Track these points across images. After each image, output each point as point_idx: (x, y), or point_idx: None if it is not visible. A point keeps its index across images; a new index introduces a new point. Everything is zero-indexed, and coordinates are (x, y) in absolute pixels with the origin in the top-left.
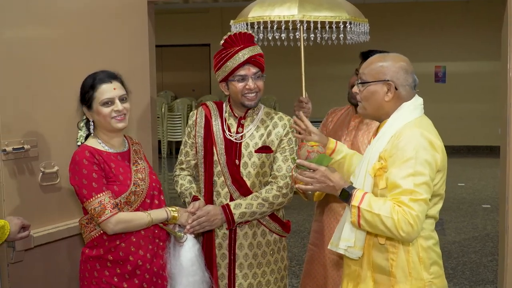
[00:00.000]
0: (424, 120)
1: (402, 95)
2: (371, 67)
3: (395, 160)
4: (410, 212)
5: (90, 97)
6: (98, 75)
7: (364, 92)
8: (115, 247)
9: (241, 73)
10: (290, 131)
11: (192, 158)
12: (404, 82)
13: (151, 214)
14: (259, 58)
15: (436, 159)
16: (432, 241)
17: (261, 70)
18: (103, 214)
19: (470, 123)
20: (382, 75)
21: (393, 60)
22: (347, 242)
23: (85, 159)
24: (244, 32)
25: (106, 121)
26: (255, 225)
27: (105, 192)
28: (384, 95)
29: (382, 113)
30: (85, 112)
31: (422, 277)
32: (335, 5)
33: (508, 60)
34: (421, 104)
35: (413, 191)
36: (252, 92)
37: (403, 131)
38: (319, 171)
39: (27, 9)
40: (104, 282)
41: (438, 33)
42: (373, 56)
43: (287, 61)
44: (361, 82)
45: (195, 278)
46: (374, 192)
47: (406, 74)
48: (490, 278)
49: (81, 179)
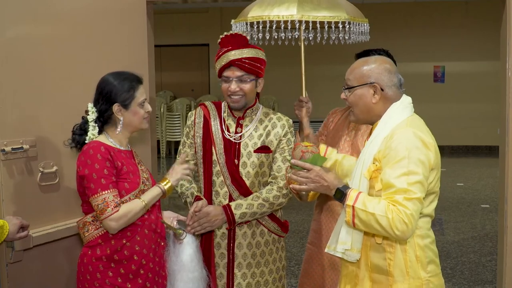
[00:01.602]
0: (416, 119)
1: (389, 96)
2: (355, 72)
3: (388, 160)
4: (405, 211)
5: (130, 97)
6: (130, 75)
7: (351, 97)
8: (122, 246)
9: (226, 74)
10: (289, 131)
11: (191, 158)
12: (390, 83)
13: (144, 199)
14: (246, 62)
15: (429, 158)
16: (428, 239)
17: (250, 74)
18: (105, 211)
19: (469, 123)
20: (367, 78)
21: (375, 62)
22: (344, 245)
23: (100, 154)
24: (239, 34)
25: (139, 121)
26: (254, 225)
27: (111, 190)
28: (371, 97)
29: (372, 115)
30: (116, 111)
31: (420, 276)
32: (334, 5)
33: (507, 60)
34: (411, 103)
35: (407, 190)
36: (235, 95)
37: (395, 132)
38: (314, 171)
39: (25, 9)
40: (107, 283)
41: (437, 33)
42: (356, 61)
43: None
44: (347, 87)
45: (194, 274)
46: (371, 194)
47: (390, 74)
48: (489, 278)
49: (91, 173)
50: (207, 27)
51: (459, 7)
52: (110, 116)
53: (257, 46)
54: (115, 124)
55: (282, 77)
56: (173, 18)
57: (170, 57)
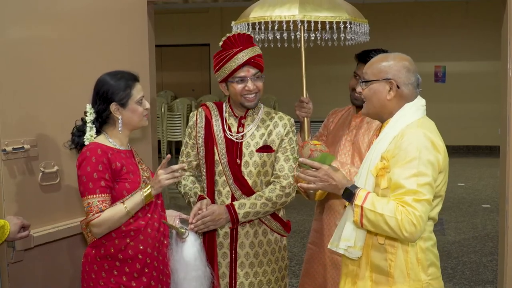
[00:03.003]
0: (427, 121)
1: (404, 94)
2: (373, 66)
3: (398, 160)
4: (414, 212)
5: (127, 95)
6: (126, 74)
7: (366, 90)
8: (126, 246)
9: (240, 74)
10: (290, 130)
11: (193, 158)
12: (407, 81)
13: (127, 206)
14: (258, 59)
15: (439, 160)
16: (430, 242)
17: (260, 71)
18: (88, 216)
19: (470, 123)
20: (384, 74)
21: (395, 59)
22: (347, 242)
23: (94, 157)
24: (243, 33)
25: (139, 118)
26: (256, 224)
27: (97, 195)
28: (387, 93)
29: (384, 112)
30: (114, 111)
31: (420, 278)
32: (335, 5)
33: (508, 60)
34: (423, 105)
35: (416, 191)
36: (252, 93)
37: (406, 132)
38: (322, 170)
39: (25, 9)
40: (112, 281)
41: (438, 33)
42: (376, 56)
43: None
44: (363, 81)
45: (198, 272)
46: (376, 192)
47: (408, 72)
48: (490, 278)
49: (83, 175)
50: (207, 27)
51: (459, 7)
52: (108, 115)
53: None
54: (114, 124)
55: (283, 77)
56: (174, 18)
57: (170, 57)
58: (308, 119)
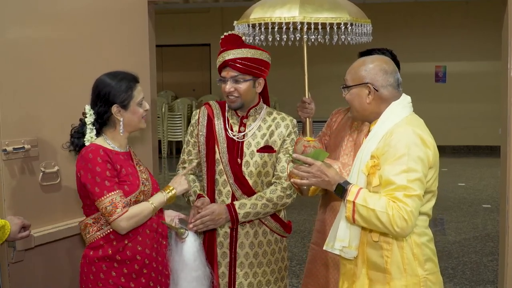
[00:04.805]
0: (414, 118)
1: (384, 96)
2: (352, 72)
3: (388, 157)
4: (405, 208)
5: (128, 97)
6: (127, 75)
7: (348, 96)
8: (123, 247)
9: (222, 74)
10: (292, 131)
11: (194, 157)
12: (385, 83)
13: (153, 202)
14: (240, 62)
15: (428, 156)
16: (426, 237)
17: (245, 74)
18: (114, 212)
19: (471, 123)
20: (362, 78)
21: (372, 62)
22: (342, 243)
23: (99, 157)
24: (232, 34)
25: (139, 120)
26: (257, 225)
27: (117, 191)
28: (366, 97)
29: (367, 114)
30: (115, 112)
31: (417, 273)
32: (336, 6)
33: (508, 60)
34: (410, 103)
35: (406, 187)
36: (231, 95)
37: (394, 129)
38: (315, 166)
39: (26, 9)
40: (110, 283)
41: (438, 33)
42: (356, 61)
43: (287, 62)
44: (344, 86)
45: (197, 273)
46: (367, 190)
47: (385, 74)
48: (491, 278)
49: (94, 177)
50: (208, 27)
51: (460, 7)
52: (109, 117)
53: (258, 47)
54: (114, 126)
55: (284, 78)
56: (174, 18)
57: (171, 57)
58: (310, 119)
